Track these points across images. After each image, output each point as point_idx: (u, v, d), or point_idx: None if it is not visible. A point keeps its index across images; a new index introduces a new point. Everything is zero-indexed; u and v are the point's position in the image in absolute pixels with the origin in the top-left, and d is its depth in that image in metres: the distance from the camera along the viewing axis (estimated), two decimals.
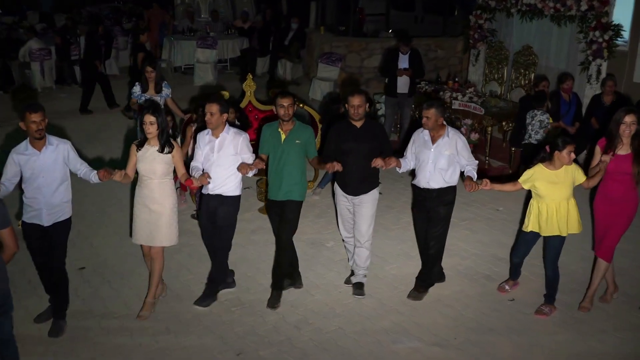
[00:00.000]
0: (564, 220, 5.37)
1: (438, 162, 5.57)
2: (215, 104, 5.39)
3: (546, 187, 5.34)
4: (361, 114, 5.57)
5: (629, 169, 5.33)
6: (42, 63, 13.75)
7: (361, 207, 5.75)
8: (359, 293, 5.94)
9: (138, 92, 7.97)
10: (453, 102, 9.76)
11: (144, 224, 5.42)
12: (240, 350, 5.14)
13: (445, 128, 5.57)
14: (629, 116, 5.27)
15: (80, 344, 5.17)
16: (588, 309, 5.68)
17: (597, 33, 9.08)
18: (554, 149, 5.26)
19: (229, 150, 5.49)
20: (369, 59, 13.71)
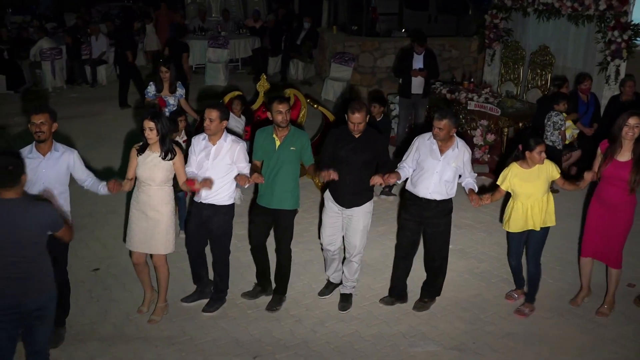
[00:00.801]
0: (539, 217, 5.37)
1: (445, 173, 5.33)
2: (215, 110, 5.23)
3: (521, 185, 5.34)
4: (361, 130, 5.30)
5: (626, 176, 5.23)
6: (53, 62, 13.74)
7: (352, 220, 5.51)
8: (343, 307, 5.70)
9: (153, 92, 7.87)
10: (469, 103, 9.66)
11: (140, 231, 5.27)
12: (256, 353, 5.08)
13: (455, 139, 5.34)
14: (632, 118, 5.16)
15: (95, 346, 5.13)
16: (606, 315, 5.61)
17: (616, 33, 8.95)
18: (526, 149, 5.27)
19: (225, 159, 5.32)
20: (382, 58, 13.62)
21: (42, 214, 3.99)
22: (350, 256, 5.67)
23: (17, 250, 3.92)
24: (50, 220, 4.03)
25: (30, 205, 3.97)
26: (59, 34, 15.89)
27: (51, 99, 13.12)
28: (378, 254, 6.71)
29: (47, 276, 4.11)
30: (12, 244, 3.90)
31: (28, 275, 3.98)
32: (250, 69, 15.57)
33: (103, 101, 12.54)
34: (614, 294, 5.65)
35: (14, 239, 3.89)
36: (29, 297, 3.99)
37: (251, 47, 15.73)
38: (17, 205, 3.91)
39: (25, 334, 4.14)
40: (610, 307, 5.64)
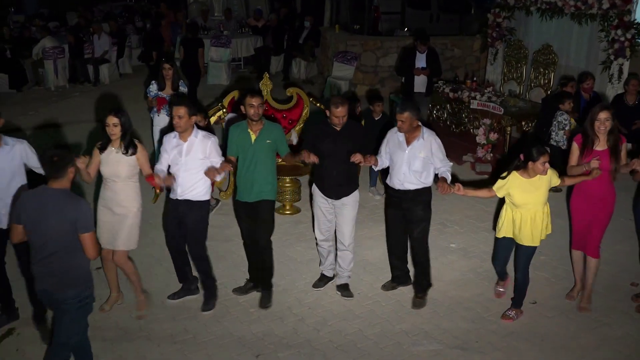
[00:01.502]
0: (538, 230, 5.26)
1: (412, 164, 5.43)
2: (183, 106, 5.21)
3: (521, 195, 5.20)
4: (344, 123, 5.43)
5: (606, 165, 5.26)
6: (56, 61, 13.75)
7: (342, 209, 5.63)
8: (347, 294, 5.84)
9: (155, 90, 7.82)
10: (471, 102, 9.65)
11: (107, 227, 5.26)
12: (259, 351, 5.08)
13: (420, 129, 5.42)
14: (603, 112, 5.24)
15: (98, 344, 5.11)
16: (588, 310, 5.62)
17: (619, 32, 8.95)
18: (528, 159, 5.12)
19: (197, 154, 5.33)
20: (384, 57, 13.61)
21: (75, 209, 4.06)
22: (343, 246, 5.75)
23: (54, 240, 4.04)
24: (80, 217, 4.05)
25: (68, 198, 4.10)
26: (62, 33, 15.89)
27: (53, 97, 13.15)
28: (380, 253, 6.69)
29: (77, 274, 4.18)
30: (50, 234, 4.03)
31: (58, 267, 4.09)
32: (252, 68, 15.56)
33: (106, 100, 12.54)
34: (591, 285, 5.66)
35: (52, 229, 4.03)
36: (55, 289, 4.12)
37: (253, 46, 15.73)
38: (59, 196, 4.07)
39: (53, 322, 4.36)
40: (589, 300, 5.66)
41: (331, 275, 6.04)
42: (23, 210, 4.10)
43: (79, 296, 4.19)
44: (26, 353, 5.01)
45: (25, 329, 5.29)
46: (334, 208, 5.68)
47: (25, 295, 5.43)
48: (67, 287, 4.12)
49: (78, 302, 4.18)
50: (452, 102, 10.24)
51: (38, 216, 4.04)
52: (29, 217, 4.08)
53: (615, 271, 6.34)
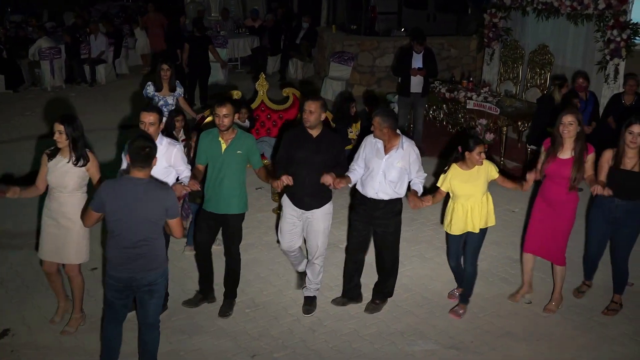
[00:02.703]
0: (478, 218, 5.32)
1: (389, 173, 5.24)
2: (153, 113, 5.04)
3: (461, 186, 5.27)
4: (312, 121, 5.18)
5: (567, 174, 5.24)
6: (52, 62, 13.73)
7: (312, 222, 5.40)
8: (308, 310, 5.60)
9: (152, 91, 7.79)
10: (467, 102, 9.65)
11: (51, 239, 5.04)
12: (255, 352, 5.07)
13: (399, 138, 5.24)
14: (566, 117, 5.20)
15: (93, 343, 5.11)
16: (554, 311, 5.63)
17: (615, 32, 8.94)
18: (465, 149, 5.17)
19: (161, 162, 4.97)
20: (381, 57, 13.62)
21: (167, 197, 4.25)
22: (312, 258, 5.54)
23: (144, 228, 4.21)
24: (171, 205, 4.27)
25: (158, 187, 4.26)
26: (58, 33, 15.86)
27: (50, 98, 13.13)
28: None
29: (160, 255, 4.37)
30: (142, 222, 4.19)
31: (145, 252, 4.24)
32: (249, 68, 15.55)
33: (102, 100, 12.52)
34: (560, 290, 5.67)
35: (144, 217, 4.18)
36: (143, 273, 4.27)
37: (250, 46, 15.72)
38: (147, 185, 4.21)
39: (138, 306, 4.45)
40: (558, 304, 5.67)
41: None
42: (108, 200, 4.19)
43: (165, 274, 4.45)
44: (21, 354, 5.00)
45: (20, 329, 5.28)
46: (302, 219, 5.46)
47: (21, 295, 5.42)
48: (155, 269, 4.32)
49: (165, 280, 4.46)
50: (449, 102, 10.24)
51: (130, 205, 4.16)
52: (117, 206, 4.18)
53: (610, 271, 6.33)
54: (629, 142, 5.13)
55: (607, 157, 5.31)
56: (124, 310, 4.51)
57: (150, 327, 4.51)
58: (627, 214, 5.32)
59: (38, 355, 4.99)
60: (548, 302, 5.70)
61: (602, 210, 5.45)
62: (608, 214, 5.40)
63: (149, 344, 4.57)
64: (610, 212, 5.38)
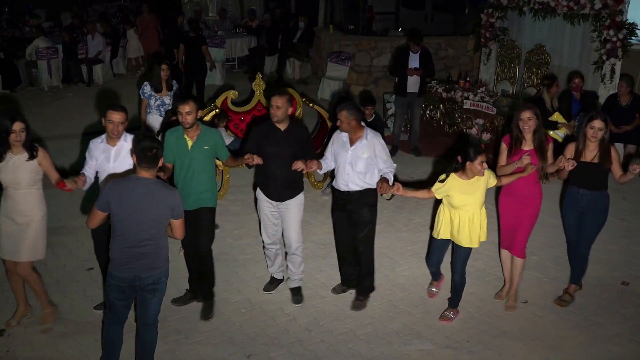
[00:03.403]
0: (477, 231, 5.28)
1: (356, 164, 5.38)
2: (121, 112, 5.07)
3: (460, 197, 5.20)
4: (279, 115, 5.30)
5: (534, 164, 5.31)
6: (49, 62, 13.71)
7: (288, 212, 5.55)
8: (297, 300, 5.74)
9: (149, 91, 7.78)
10: (464, 102, 9.66)
11: (9, 238, 5.02)
12: (251, 352, 5.08)
13: (364, 130, 5.39)
14: (524, 113, 5.32)
15: (89, 343, 5.13)
16: (514, 308, 5.67)
17: (612, 32, 8.95)
18: (466, 160, 5.10)
19: (126, 159, 5.12)
20: (378, 57, 13.63)
21: (172, 197, 4.31)
22: (291, 249, 5.68)
23: (149, 228, 4.26)
24: (177, 205, 4.33)
25: (163, 188, 4.32)
26: (55, 33, 15.83)
27: (47, 98, 13.12)
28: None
29: (164, 254, 4.42)
30: (148, 221, 4.24)
31: (150, 251, 4.30)
32: (246, 68, 15.55)
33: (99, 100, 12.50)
34: (517, 285, 5.71)
35: (150, 217, 4.23)
36: (147, 272, 4.32)
37: (248, 46, 15.72)
38: (154, 185, 4.27)
39: (138, 305, 4.48)
40: (515, 299, 5.72)
41: (281, 277, 5.99)
42: (114, 199, 4.23)
43: (166, 273, 4.48)
44: (17, 354, 5.00)
45: (16, 330, 5.28)
46: (278, 211, 5.59)
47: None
48: (158, 267, 4.38)
49: (165, 278, 4.48)
50: (445, 102, 10.26)
51: (135, 205, 4.21)
52: (123, 206, 4.22)
53: (606, 270, 6.37)
54: (590, 136, 5.33)
55: (570, 150, 5.47)
56: (125, 311, 4.53)
57: (149, 326, 4.55)
58: (591, 204, 5.49)
59: (34, 356, 5.00)
60: (507, 300, 5.74)
61: (571, 201, 5.61)
62: (576, 203, 5.55)
63: (148, 344, 4.60)
64: (577, 201, 5.53)
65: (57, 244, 6.70)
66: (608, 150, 5.35)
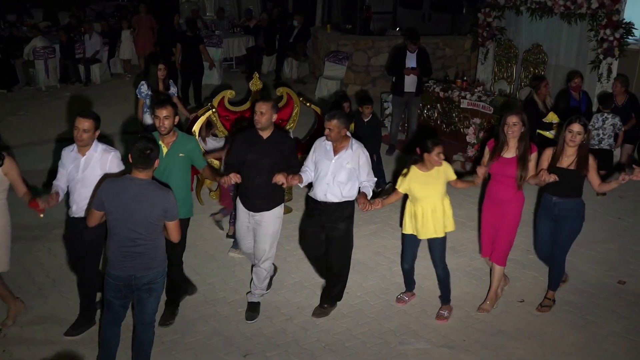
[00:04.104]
0: (440, 221, 5.31)
1: (338, 175, 5.23)
2: (89, 120, 4.89)
3: (420, 188, 5.27)
4: (263, 122, 5.12)
5: (512, 173, 5.28)
6: (47, 61, 13.70)
7: (261, 225, 5.31)
8: (251, 317, 5.48)
9: (146, 91, 7.77)
10: (461, 101, 9.67)
11: None
12: (247, 351, 5.08)
13: (349, 140, 5.26)
14: (510, 117, 5.25)
15: (85, 343, 5.12)
16: (488, 311, 5.64)
17: (608, 31, 8.96)
18: (424, 151, 5.18)
19: (95, 169, 4.95)
20: (376, 57, 13.63)
21: (165, 199, 4.28)
22: (258, 262, 5.44)
23: (142, 228, 4.25)
24: (170, 207, 4.30)
25: (157, 189, 4.29)
26: (53, 32, 15.81)
27: (44, 97, 13.11)
28: (370, 253, 6.72)
29: (160, 254, 4.41)
30: (139, 221, 4.23)
31: (145, 251, 4.30)
32: (244, 68, 15.54)
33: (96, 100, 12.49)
34: (496, 290, 5.69)
35: (142, 217, 4.22)
36: (142, 272, 4.32)
37: (245, 45, 15.71)
38: (147, 186, 4.26)
39: (135, 305, 4.50)
40: (492, 303, 5.69)
41: (272, 273, 5.90)
42: (107, 198, 4.26)
43: (164, 273, 4.50)
44: (13, 354, 5.00)
45: (12, 329, 5.28)
46: (252, 221, 5.38)
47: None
48: (153, 268, 4.37)
49: (162, 278, 4.49)
50: (443, 101, 10.25)
51: (128, 205, 4.21)
52: (116, 205, 4.24)
53: (603, 270, 6.38)
54: (568, 140, 5.22)
55: (547, 155, 5.39)
56: (122, 310, 4.53)
57: (147, 326, 4.55)
58: (565, 211, 5.39)
59: (30, 355, 4.99)
60: (482, 301, 5.71)
61: (544, 209, 5.53)
62: (550, 211, 5.47)
63: (145, 343, 4.60)
64: (550, 209, 5.45)
65: (53, 244, 6.69)
66: (586, 157, 5.22)
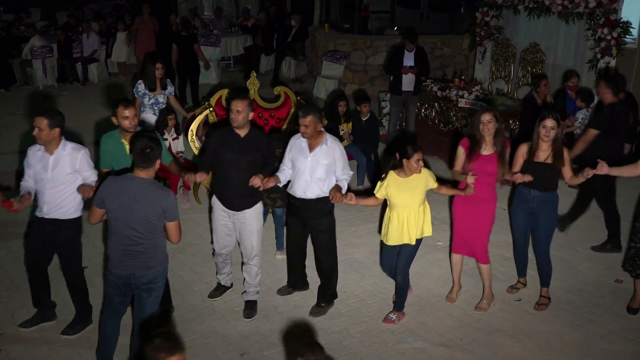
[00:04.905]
0: (414, 228, 5.25)
1: (315, 171, 5.25)
2: (42, 117, 4.78)
3: (398, 194, 5.19)
4: (240, 120, 5.10)
5: (492, 169, 5.28)
6: (44, 61, 13.70)
7: (245, 222, 5.31)
8: (249, 315, 5.49)
9: (143, 90, 7.75)
10: (459, 100, 9.68)
11: None
12: (244, 350, 5.08)
13: (323, 136, 5.27)
14: (484, 115, 5.25)
15: (83, 342, 5.13)
16: (485, 309, 5.65)
17: (606, 30, 8.96)
18: (403, 157, 5.10)
19: (64, 168, 4.88)
20: (374, 56, 13.63)
21: (165, 199, 4.26)
22: (248, 259, 5.46)
23: (141, 227, 4.24)
24: (169, 207, 4.28)
25: (158, 189, 4.28)
26: (50, 32, 15.79)
27: (42, 97, 13.09)
28: (367, 251, 6.72)
29: (160, 254, 4.41)
30: (139, 221, 4.23)
31: (144, 250, 4.30)
32: (242, 67, 15.53)
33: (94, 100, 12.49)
34: (490, 288, 5.69)
35: (141, 216, 4.22)
36: (142, 271, 4.33)
37: (243, 45, 15.70)
38: (148, 186, 4.24)
39: (135, 303, 4.51)
40: (489, 302, 5.69)
41: (229, 284, 5.87)
42: (108, 196, 4.28)
43: (164, 273, 4.50)
44: (10, 353, 5.00)
45: (9, 329, 5.27)
46: (233, 219, 5.37)
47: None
48: (152, 267, 4.37)
49: (162, 278, 4.49)
50: (440, 100, 10.27)
51: (127, 203, 4.22)
52: (116, 203, 4.25)
53: (600, 268, 6.39)
54: (542, 135, 5.25)
55: (522, 151, 5.42)
56: (121, 307, 4.55)
57: (145, 324, 4.51)
58: (543, 205, 5.42)
59: (27, 354, 4.99)
60: (479, 300, 5.70)
61: (521, 202, 5.54)
62: (527, 205, 5.48)
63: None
64: (528, 203, 5.46)
65: None
66: (561, 151, 5.27)
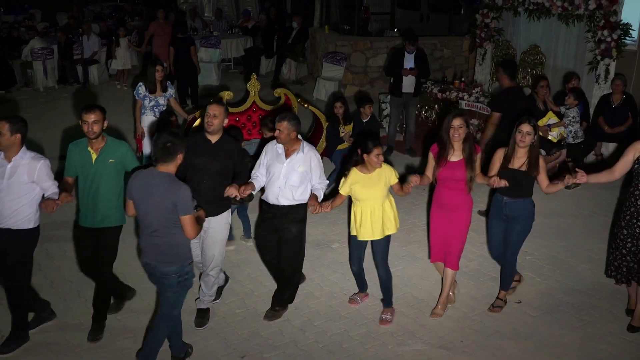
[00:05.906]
0: (379, 223, 5.27)
1: (290, 178, 5.22)
2: (4, 122, 4.66)
3: (361, 190, 5.22)
4: (216, 125, 5.08)
5: (461, 176, 5.25)
6: (45, 62, 13.71)
7: (208, 232, 5.19)
8: (200, 323, 5.40)
9: (143, 92, 7.78)
10: (459, 102, 9.69)
11: None
12: (245, 352, 5.09)
13: (300, 143, 5.26)
14: (456, 120, 5.20)
15: (82, 344, 5.13)
16: (440, 315, 5.60)
17: (606, 32, 8.97)
18: (364, 152, 5.14)
19: (22, 177, 4.76)
20: (374, 58, 13.64)
21: (176, 192, 4.33)
22: (207, 269, 5.36)
23: (156, 219, 4.39)
24: (180, 200, 4.33)
25: (170, 182, 4.37)
26: (51, 33, 15.81)
27: (42, 98, 13.11)
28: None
29: (174, 252, 4.49)
30: (154, 212, 4.38)
31: (161, 244, 4.44)
32: (242, 69, 15.54)
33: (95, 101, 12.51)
34: (447, 294, 5.65)
35: (155, 209, 4.37)
36: (157, 263, 4.48)
37: (243, 46, 15.71)
38: (162, 179, 4.37)
39: (159, 293, 4.71)
40: (444, 307, 5.66)
41: (222, 283, 5.86)
42: (132, 187, 4.49)
43: (179, 272, 4.53)
44: (9, 354, 4.99)
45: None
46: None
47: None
48: (168, 262, 4.47)
49: (178, 277, 4.53)
50: (441, 102, 10.28)
51: (144, 195, 4.40)
52: (137, 194, 4.45)
53: (599, 270, 6.38)
54: (518, 140, 5.21)
55: (499, 156, 5.39)
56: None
57: (162, 316, 4.66)
58: (516, 212, 5.39)
59: (26, 356, 5.00)
60: (435, 306, 5.67)
61: (495, 209, 5.52)
62: (500, 212, 5.46)
63: (156, 333, 4.70)
64: (501, 209, 5.44)
65: (51, 245, 6.70)
66: (536, 158, 5.23)
